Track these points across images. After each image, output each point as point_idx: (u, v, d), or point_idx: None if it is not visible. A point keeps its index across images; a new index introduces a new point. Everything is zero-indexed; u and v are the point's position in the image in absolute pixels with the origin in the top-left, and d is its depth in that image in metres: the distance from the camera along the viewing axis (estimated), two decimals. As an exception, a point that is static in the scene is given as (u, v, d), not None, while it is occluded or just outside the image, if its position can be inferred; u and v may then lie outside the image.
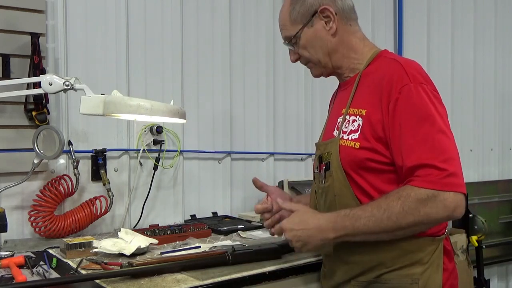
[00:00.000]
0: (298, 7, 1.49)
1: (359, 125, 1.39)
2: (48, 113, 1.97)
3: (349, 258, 1.42)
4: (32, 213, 1.94)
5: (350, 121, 1.42)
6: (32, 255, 1.67)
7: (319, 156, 1.53)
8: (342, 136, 1.42)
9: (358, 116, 1.40)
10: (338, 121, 1.47)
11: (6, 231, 1.75)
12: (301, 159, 2.79)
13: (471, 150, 3.53)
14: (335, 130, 1.47)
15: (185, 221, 2.35)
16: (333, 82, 1.63)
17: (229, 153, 2.53)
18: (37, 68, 1.90)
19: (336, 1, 1.48)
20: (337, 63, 1.52)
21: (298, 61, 1.59)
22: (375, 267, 1.38)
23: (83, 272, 1.48)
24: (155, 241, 1.77)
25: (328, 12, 1.47)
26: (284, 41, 1.56)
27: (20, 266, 1.51)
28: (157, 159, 2.26)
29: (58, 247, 1.78)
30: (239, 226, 2.12)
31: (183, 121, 1.74)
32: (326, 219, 1.35)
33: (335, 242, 1.36)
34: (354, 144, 1.38)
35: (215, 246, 1.77)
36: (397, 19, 3.16)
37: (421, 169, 1.26)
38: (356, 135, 1.38)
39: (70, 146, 2.02)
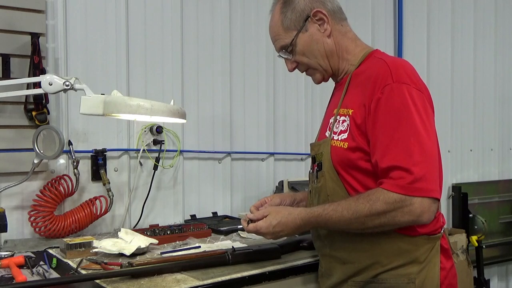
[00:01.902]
0: (290, 14, 1.49)
1: (348, 125, 1.40)
2: (48, 113, 1.97)
3: (346, 257, 1.43)
4: (32, 213, 1.94)
5: (340, 122, 1.43)
6: (32, 255, 1.67)
7: (312, 157, 1.54)
8: (333, 137, 1.43)
9: (346, 116, 1.41)
10: (330, 122, 1.48)
11: (6, 231, 1.76)
12: (301, 159, 2.79)
13: (471, 150, 3.53)
14: (327, 131, 1.48)
15: (185, 221, 2.35)
16: (332, 82, 1.63)
17: (229, 153, 2.53)
18: (37, 68, 1.90)
19: (326, 3, 1.49)
20: (334, 65, 1.53)
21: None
22: (371, 266, 1.39)
23: (83, 272, 1.48)
24: (155, 241, 1.77)
25: (321, 15, 1.47)
26: (279, 52, 1.56)
27: (20, 266, 1.51)
28: (157, 159, 2.26)
29: (58, 247, 1.78)
30: (239, 226, 2.12)
31: (183, 121, 1.75)
32: (302, 218, 1.39)
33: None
34: (343, 144, 1.39)
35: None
36: (397, 19, 3.16)
37: (394, 171, 1.27)
38: (345, 135, 1.40)
39: (70, 146, 2.02)
